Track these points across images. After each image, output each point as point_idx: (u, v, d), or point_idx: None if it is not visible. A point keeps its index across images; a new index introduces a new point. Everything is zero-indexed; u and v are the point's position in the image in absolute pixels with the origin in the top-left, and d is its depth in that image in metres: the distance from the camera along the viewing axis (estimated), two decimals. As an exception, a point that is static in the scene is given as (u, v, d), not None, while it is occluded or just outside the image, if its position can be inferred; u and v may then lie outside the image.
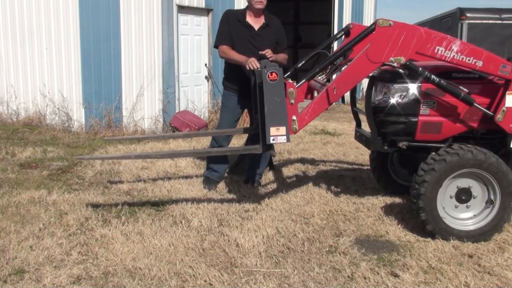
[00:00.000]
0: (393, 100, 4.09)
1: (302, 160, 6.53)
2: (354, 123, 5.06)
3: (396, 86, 4.08)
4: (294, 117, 3.86)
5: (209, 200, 4.80)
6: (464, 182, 3.93)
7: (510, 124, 4.01)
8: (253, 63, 4.48)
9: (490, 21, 12.25)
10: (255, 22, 4.98)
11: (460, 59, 3.83)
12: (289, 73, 4.36)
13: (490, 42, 11.67)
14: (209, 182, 5.25)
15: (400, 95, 4.08)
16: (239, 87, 5.00)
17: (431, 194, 3.82)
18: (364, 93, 5.43)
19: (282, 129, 3.78)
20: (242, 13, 5.01)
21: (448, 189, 3.93)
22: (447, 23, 13.24)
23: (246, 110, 5.24)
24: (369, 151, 5.25)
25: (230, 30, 4.94)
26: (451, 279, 3.31)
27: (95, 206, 4.58)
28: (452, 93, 3.94)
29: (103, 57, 8.56)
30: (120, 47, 8.44)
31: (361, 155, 6.84)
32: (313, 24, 15.88)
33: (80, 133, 8.42)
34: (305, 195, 4.98)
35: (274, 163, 6.12)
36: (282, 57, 5.04)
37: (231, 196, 5.02)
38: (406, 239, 3.96)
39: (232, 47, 4.90)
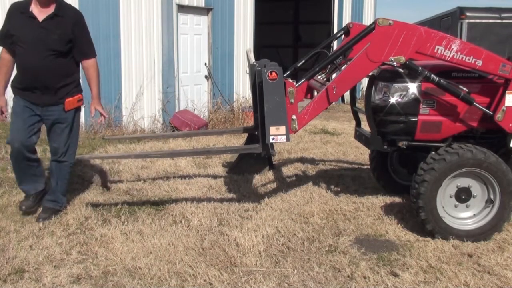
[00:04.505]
0: (392, 100, 4.08)
1: (302, 160, 6.53)
2: (354, 122, 5.06)
3: (396, 85, 4.08)
4: (294, 117, 3.86)
5: (209, 200, 4.80)
6: (464, 182, 3.93)
7: (510, 124, 4.01)
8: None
9: (490, 21, 12.25)
10: (41, 12, 4.04)
11: (460, 58, 3.83)
12: (289, 72, 4.36)
13: (490, 42, 11.67)
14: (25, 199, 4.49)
15: (400, 95, 4.08)
16: (29, 92, 4.17)
17: (431, 194, 3.82)
18: (364, 93, 5.43)
19: (282, 129, 3.78)
20: (27, 2, 4.09)
21: (448, 188, 3.93)
22: (447, 23, 13.24)
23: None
24: (369, 151, 5.25)
25: (10, 28, 4.07)
26: (450, 278, 3.31)
27: (95, 205, 4.57)
28: (452, 92, 3.93)
29: (103, 56, 8.52)
30: (119, 47, 8.44)
31: (361, 154, 6.83)
32: (313, 23, 15.88)
33: (80, 132, 8.39)
34: (305, 195, 4.98)
35: (273, 162, 6.12)
36: (90, 74, 4.40)
37: (230, 195, 5.01)
38: (405, 238, 3.96)
39: (13, 50, 4.09)
